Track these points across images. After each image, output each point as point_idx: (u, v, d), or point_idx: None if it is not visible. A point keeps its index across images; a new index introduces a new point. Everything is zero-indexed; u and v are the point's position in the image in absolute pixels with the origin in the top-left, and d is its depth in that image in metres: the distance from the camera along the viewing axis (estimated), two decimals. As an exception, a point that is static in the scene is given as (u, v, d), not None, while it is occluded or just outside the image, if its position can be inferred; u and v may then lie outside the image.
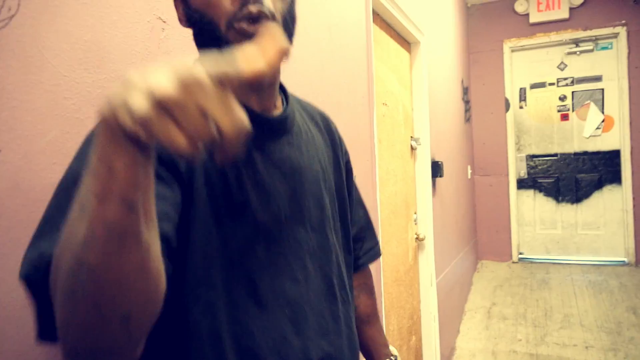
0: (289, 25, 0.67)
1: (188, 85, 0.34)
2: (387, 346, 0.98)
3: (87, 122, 0.72)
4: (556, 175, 4.68)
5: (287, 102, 0.75)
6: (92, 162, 0.38)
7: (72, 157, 0.57)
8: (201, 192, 0.61)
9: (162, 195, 0.54)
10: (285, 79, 1.31)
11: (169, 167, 0.57)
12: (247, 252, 0.64)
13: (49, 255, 0.45)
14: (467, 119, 4.68)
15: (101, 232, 0.38)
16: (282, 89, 0.77)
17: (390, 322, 2.27)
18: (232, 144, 0.36)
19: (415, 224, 2.81)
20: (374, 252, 0.97)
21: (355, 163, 1.81)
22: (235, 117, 0.36)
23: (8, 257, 0.61)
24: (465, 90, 4.62)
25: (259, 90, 0.67)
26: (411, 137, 2.80)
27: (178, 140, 0.34)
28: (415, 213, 2.81)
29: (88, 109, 0.72)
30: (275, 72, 0.69)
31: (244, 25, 0.60)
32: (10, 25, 0.62)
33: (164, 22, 0.87)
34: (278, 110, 0.72)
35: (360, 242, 0.94)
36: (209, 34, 0.62)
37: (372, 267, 1.87)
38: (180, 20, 0.67)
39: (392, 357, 0.96)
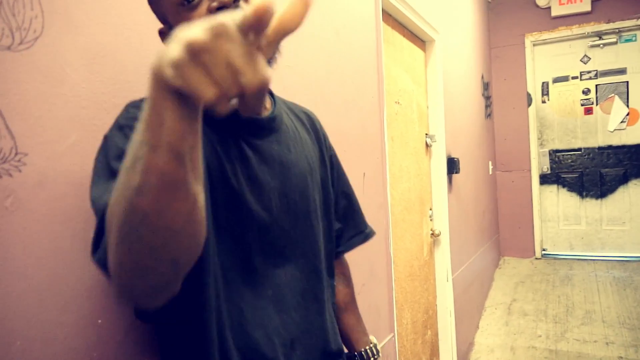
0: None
1: (217, 33, 0.37)
2: (366, 334, 1.04)
3: (103, 128, 0.81)
4: (580, 170, 4.62)
5: (274, 104, 0.83)
6: (145, 115, 0.42)
7: (91, 158, 0.67)
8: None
9: None
10: (292, 81, 1.39)
11: None
12: (241, 239, 0.73)
13: (103, 201, 0.53)
14: (488, 115, 4.67)
15: (154, 179, 0.42)
16: (270, 92, 0.85)
17: (403, 315, 2.32)
18: (255, 95, 0.39)
19: (431, 220, 2.85)
20: (355, 240, 1.02)
21: (365, 161, 1.88)
22: (258, 69, 0.39)
23: (35, 246, 0.71)
24: (486, 86, 4.61)
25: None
26: (426, 134, 2.84)
27: (207, 87, 0.38)
28: (430, 209, 2.86)
29: (103, 116, 0.81)
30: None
31: None
32: (36, 45, 0.72)
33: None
34: (267, 111, 0.81)
35: (340, 231, 0.99)
36: None
37: (382, 261, 1.94)
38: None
39: (371, 345, 1.02)
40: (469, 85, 3.84)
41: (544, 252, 4.76)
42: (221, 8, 0.68)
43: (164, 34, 0.76)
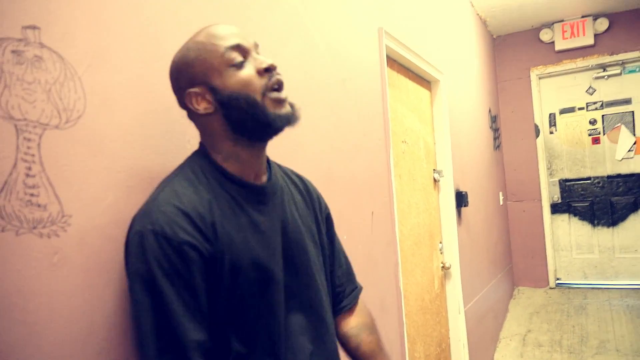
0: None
1: None
2: None
3: (135, 189, 0.92)
4: (590, 199, 4.65)
5: (270, 169, 0.95)
6: None
7: (124, 216, 0.80)
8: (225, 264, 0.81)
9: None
10: (301, 132, 1.50)
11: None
12: (254, 299, 0.84)
13: None
14: (497, 146, 4.75)
15: None
16: (267, 160, 0.97)
17: (415, 349, 2.37)
18: None
19: (441, 253, 2.91)
20: (355, 294, 1.11)
21: (373, 200, 1.98)
22: None
23: (77, 297, 0.81)
24: (494, 119, 4.71)
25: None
26: (434, 169, 2.93)
27: None
28: (440, 242, 2.92)
29: (135, 178, 0.93)
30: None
31: (276, 93, 0.85)
32: (79, 123, 0.84)
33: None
34: (265, 178, 0.93)
35: (343, 285, 1.09)
36: (249, 107, 0.83)
37: (392, 296, 2.01)
38: (200, 110, 0.86)
39: None
40: (476, 119, 3.94)
41: (557, 282, 4.75)
42: (268, 70, 0.85)
43: (194, 95, 0.85)
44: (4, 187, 0.73)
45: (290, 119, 0.88)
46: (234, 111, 0.84)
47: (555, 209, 4.81)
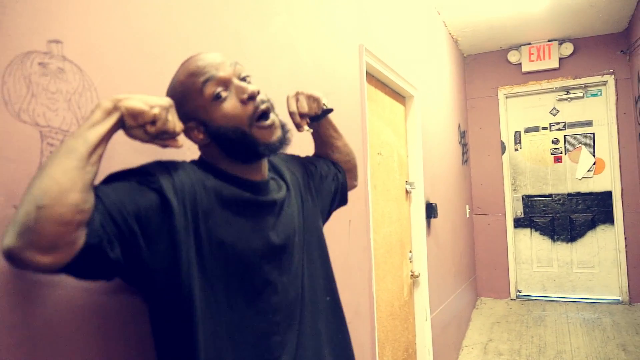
0: (272, 107, 0.95)
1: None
2: None
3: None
4: (551, 215, 4.90)
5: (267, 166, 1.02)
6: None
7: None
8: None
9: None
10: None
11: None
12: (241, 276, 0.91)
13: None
14: (465, 161, 4.95)
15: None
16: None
17: (384, 353, 2.47)
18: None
19: (411, 262, 3.04)
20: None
21: (350, 210, 2.08)
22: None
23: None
24: (463, 134, 4.91)
25: None
26: (406, 181, 3.07)
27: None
28: (410, 252, 3.05)
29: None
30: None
31: (262, 122, 0.90)
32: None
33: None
34: (265, 175, 1.00)
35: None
36: (238, 138, 0.88)
37: (365, 301, 2.11)
38: (198, 140, 0.91)
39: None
40: (446, 134, 4.12)
41: (518, 293, 4.96)
42: (251, 98, 0.89)
43: (190, 129, 0.90)
44: (28, 188, 0.79)
45: (281, 143, 0.93)
46: (225, 142, 0.90)
47: (518, 223, 5.04)
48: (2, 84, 0.77)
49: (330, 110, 1.20)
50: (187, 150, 1.14)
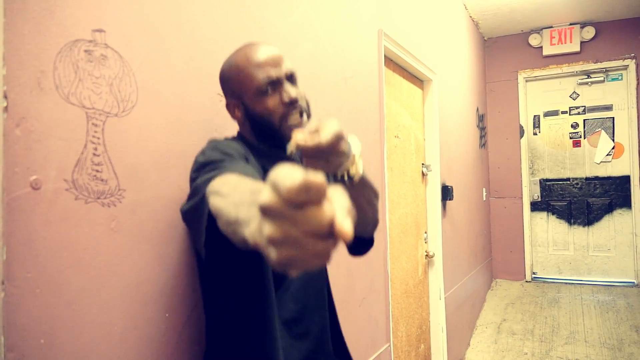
0: (308, 106, 1.04)
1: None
2: None
3: (174, 169, 1.08)
4: (568, 198, 4.90)
5: None
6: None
7: (166, 192, 0.97)
8: None
9: None
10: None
11: None
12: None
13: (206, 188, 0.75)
14: (483, 145, 4.96)
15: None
16: None
17: (398, 328, 2.57)
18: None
19: (426, 242, 3.11)
20: None
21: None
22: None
23: (130, 257, 0.98)
24: (481, 118, 4.91)
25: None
26: (422, 164, 3.12)
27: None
28: (425, 232, 3.12)
29: (173, 160, 1.09)
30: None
31: (293, 121, 0.99)
32: (133, 112, 1.00)
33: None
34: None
35: None
36: (270, 130, 0.99)
37: (380, 278, 2.19)
38: (236, 117, 1.04)
39: None
40: (464, 117, 4.14)
41: (534, 276, 5.00)
42: (291, 104, 0.99)
43: (233, 105, 1.03)
44: (78, 164, 0.89)
45: None
46: (257, 127, 1.02)
47: (535, 206, 5.05)
48: (54, 70, 0.86)
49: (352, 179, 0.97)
50: (215, 132, 1.23)
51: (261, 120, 1.00)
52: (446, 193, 3.33)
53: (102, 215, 0.93)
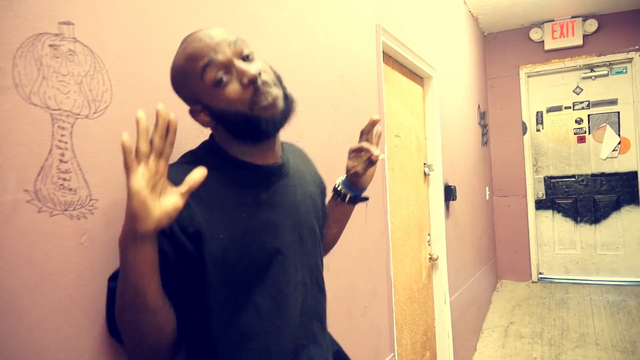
0: (281, 83, 0.92)
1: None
2: None
3: (153, 176, 0.98)
4: (574, 196, 4.79)
5: (282, 150, 1.00)
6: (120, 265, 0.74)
7: None
8: (214, 246, 0.84)
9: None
10: (302, 125, 1.57)
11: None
12: (258, 275, 0.90)
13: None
14: (485, 142, 4.86)
15: (127, 305, 0.77)
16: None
17: (403, 336, 2.47)
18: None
19: (429, 245, 3.01)
20: None
21: (367, 192, 2.05)
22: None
23: (102, 274, 0.88)
24: (482, 115, 4.81)
25: None
26: (424, 163, 3.02)
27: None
28: (428, 235, 3.02)
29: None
30: None
31: (262, 102, 0.85)
32: (106, 113, 0.90)
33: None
34: (278, 158, 0.97)
35: None
36: (241, 122, 0.86)
37: (383, 284, 2.09)
38: (205, 122, 0.90)
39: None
40: (465, 115, 4.04)
41: (540, 276, 4.90)
42: (252, 83, 0.85)
43: (196, 112, 0.90)
44: (41, 172, 0.79)
45: (285, 116, 0.89)
46: (229, 125, 0.88)
47: (540, 205, 4.95)
48: (13, 67, 0.76)
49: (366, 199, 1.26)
50: (201, 134, 1.13)
51: (229, 116, 0.86)
52: (449, 193, 3.22)
53: (70, 229, 0.83)
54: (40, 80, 0.80)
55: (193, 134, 1.11)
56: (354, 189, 1.18)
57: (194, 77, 0.85)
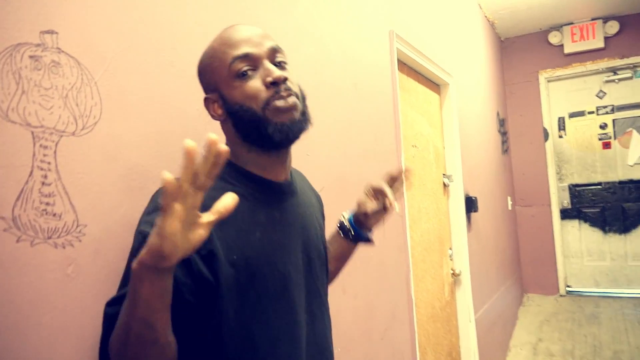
0: (304, 101, 0.86)
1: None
2: None
3: (149, 195, 0.90)
4: (601, 204, 4.60)
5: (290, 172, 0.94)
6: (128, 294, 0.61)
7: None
8: (228, 270, 0.76)
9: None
10: (314, 136, 1.47)
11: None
12: (272, 300, 0.81)
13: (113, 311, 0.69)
14: (505, 150, 4.72)
15: (133, 340, 0.63)
16: None
17: (426, 358, 2.33)
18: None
19: (451, 259, 2.88)
20: None
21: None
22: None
23: (91, 309, 0.79)
24: (502, 122, 4.67)
25: None
26: (443, 174, 2.90)
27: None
28: (450, 249, 2.89)
29: (150, 185, 0.90)
30: None
31: (277, 103, 0.79)
32: (95, 129, 0.82)
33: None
34: (287, 177, 0.91)
35: None
36: (249, 119, 0.80)
37: (403, 304, 1.97)
38: (215, 116, 0.85)
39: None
40: (484, 123, 3.91)
41: (568, 289, 4.69)
42: (274, 83, 0.80)
43: (210, 101, 0.84)
44: (20, 196, 0.71)
45: (296, 128, 0.83)
46: (239, 122, 0.82)
47: (565, 214, 4.76)
48: (-12, 81, 0.69)
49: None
50: (201, 149, 1.04)
51: (241, 110, 0.80)
52: (470, 205, 3.09)
53: (54, 259, 0.75)
54: (20, 94, 0.72)
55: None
56: (359, 227, 1.07)
57: (221, 63, 0.82)
